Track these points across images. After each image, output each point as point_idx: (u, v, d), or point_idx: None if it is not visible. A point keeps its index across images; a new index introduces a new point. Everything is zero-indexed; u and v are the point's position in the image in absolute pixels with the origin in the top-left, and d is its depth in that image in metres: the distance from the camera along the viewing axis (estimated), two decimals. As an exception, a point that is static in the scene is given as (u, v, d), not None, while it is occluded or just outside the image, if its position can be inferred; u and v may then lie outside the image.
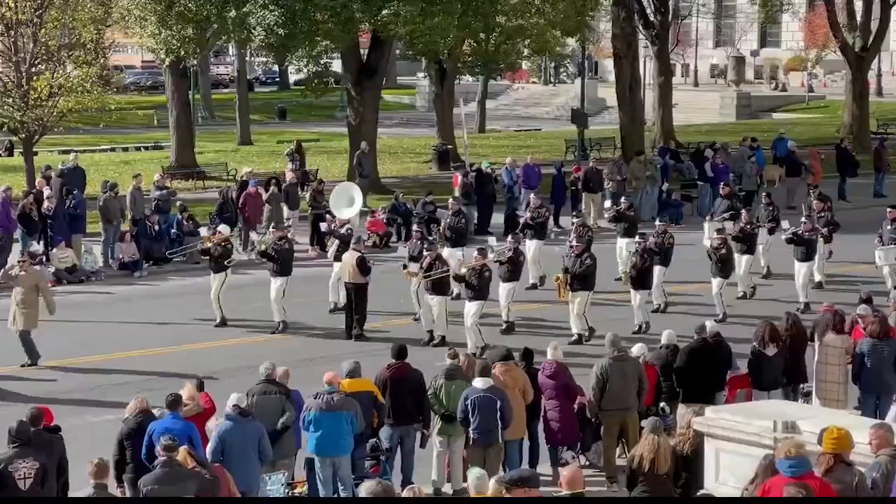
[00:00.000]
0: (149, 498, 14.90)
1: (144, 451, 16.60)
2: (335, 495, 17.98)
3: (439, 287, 27.71)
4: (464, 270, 27.48)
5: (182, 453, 15.32)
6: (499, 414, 18.55)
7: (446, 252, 30.77)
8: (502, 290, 28.71)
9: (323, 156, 57.79)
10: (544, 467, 20.21)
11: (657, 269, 30.05)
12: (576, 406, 20.13)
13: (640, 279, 28.69)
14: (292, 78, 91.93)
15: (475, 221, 39.89)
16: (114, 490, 16.62)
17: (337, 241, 30.73)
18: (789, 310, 24.63)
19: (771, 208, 34.03)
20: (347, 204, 33.34)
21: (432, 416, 19.59)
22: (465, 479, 17.20)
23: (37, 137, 40.56)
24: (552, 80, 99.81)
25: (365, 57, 49.50)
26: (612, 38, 56.81)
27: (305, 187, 42.34)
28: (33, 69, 38.95)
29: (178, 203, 37.65)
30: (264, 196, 38.35)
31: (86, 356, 27.18)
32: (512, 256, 28.65)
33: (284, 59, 48.64)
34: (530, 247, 32.70)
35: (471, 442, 18.85)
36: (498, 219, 40.16)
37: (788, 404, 19.55)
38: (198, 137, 57.34)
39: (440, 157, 55.80)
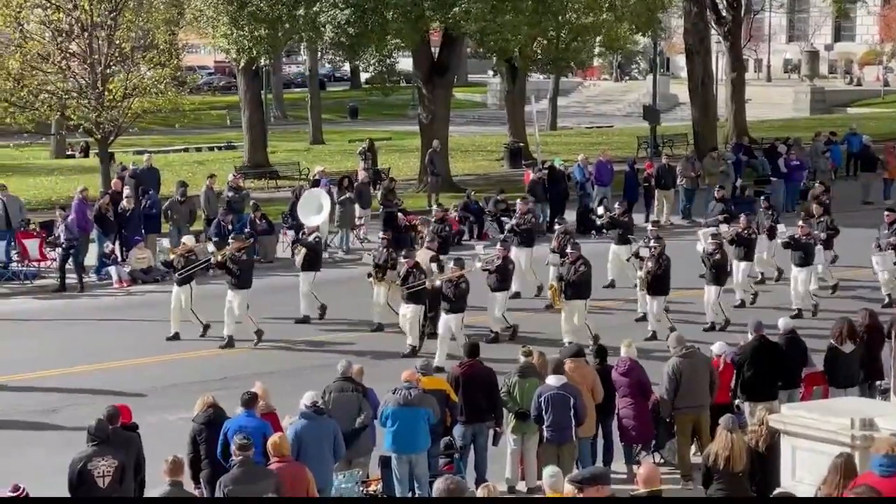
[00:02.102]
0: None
1: (220, 450, 16.69)
2: (410, 493, 18.00)
3: (416, 296, 26.69)
4: (438, 283, 26.57)
5: (276, 440, 15.59)
6: (573, 412, 18.51)
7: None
8: (492, 299, 27.82)
9: (395, 154, 57.90)
10: (618, 465, 20.16)
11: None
12: (649, 404, 20.04)
13: (656, 285, 27.62)
14: (364, 77, 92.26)
15: (547, 219, 39.81)
16: (191, 489, 16.75)
17: (304, 250, 29.69)
18: (867, 307, 24.29)
19: (770, 212, 33.34)
20: (316, 211, 32.02)
21: (506, 414, 19.58)
22: (539, 477, 17.14)
23: (112, 138, 40.93)
24: (624, 76, 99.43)
25: (436, 55, 49.55)
26: (684, 34, 56.51)
27: (377, 186, 42.43)
28: (108, 71, 39.33)
29: (251, 203, 37.81)
30: (336, 195, 38.44)
31: (159, 355, 27.33)
32: (500, 265, 27.77)
33: (355, 57, 48.77)
34: (519, 255, 31.34)
35: (544, 440, 18.81)
36: (570, 216, 40.05)
37: (865, 401, 19.33)
38: (270, 137, 57.64)
39: (512, 155, 55.75)
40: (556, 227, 31.54)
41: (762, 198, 36.25)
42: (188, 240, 29.80)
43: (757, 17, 79.01)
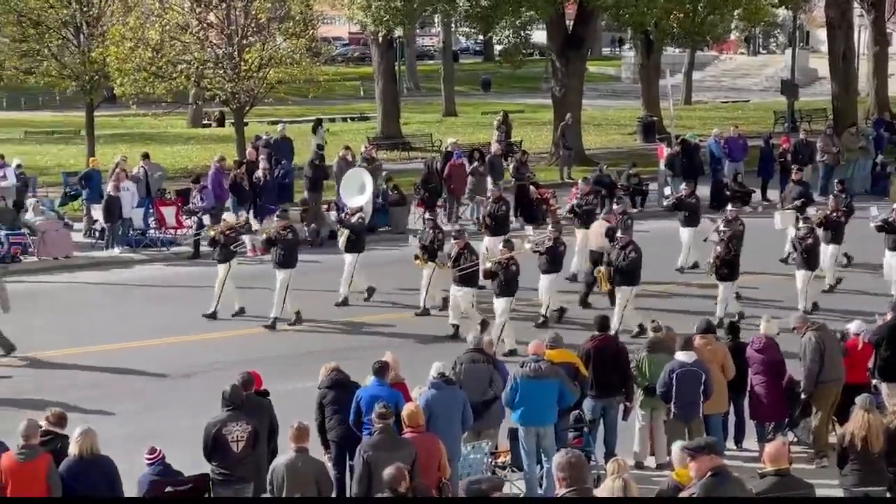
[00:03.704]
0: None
1: (353, 417, 16.84)
2: (539, 465, 18.00)
3: (468, 279, 25.97)
4: (488, 265, 25.69)
5: (413, 409, 15.77)
6: (702, 388, 18.36)
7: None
8: (542, 281, 27.04)
9: (527, 127, 57.83)
10: (750, 443, 19.98)
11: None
12: (783, 382, 19.79)
13: (726, 270, 26.78)
14: (497, 49, 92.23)
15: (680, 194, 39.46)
16: (321, 455, 16.91)
17: (347, 231, 29.00)
18: None
19: (844, 196, 31.81)
20: (359, 191, 31.58)
21: (635, 389, 19.49)
22: (668, 453, 17.03)
23: (247, 108, 41.37)
24: (760, 50, 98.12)
25: (570, 28, 49.32)
26: (826, 7, 55.54)
27: (509, 158, 42.40)
28: (245, 41, 39.67)
29: (383, 174, 37.98)
30: (468, 167, 38.50)
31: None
32: (551, 246, 26.76)
33: (489, 29, 48.71)
34: (577, 235, 30.77)
35: (671, 416, 18.69)
36: (703, 191, 39.66)
37: None
38: (403, 108, 57.86)
39: (645, 129, 55.44)
40: (615, 206, 30.52)
41: (836, 181, 35.43)
42: (229, 217, 29.68)
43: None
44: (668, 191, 37.88)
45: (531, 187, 37.33)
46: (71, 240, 34.02)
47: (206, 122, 65.71)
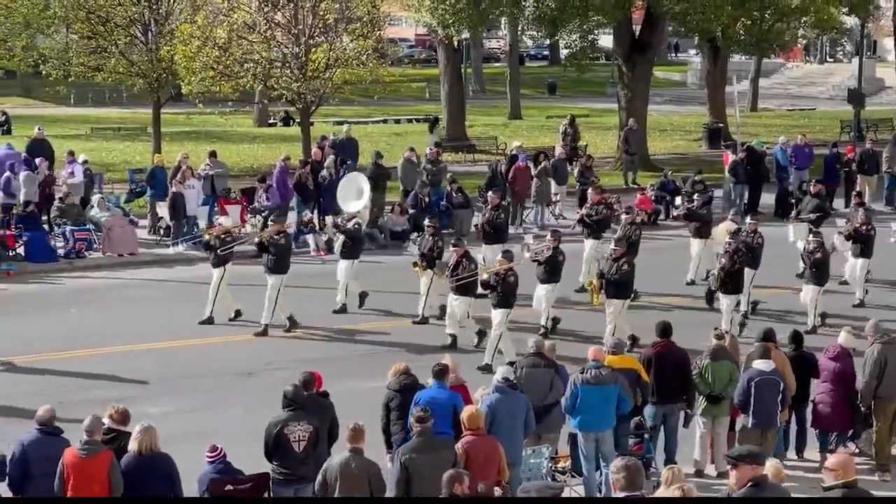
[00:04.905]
0: None
1: (411, 419, 16.84)
2: (598, 471, 17.96)
3: (465, 288, 25.39)
4: (485, 276, 24.82)
5: (473, 412, 15.74)
6: (780, 397, 18.25)
7: (585, 243, 29.93)
8: (540, 291, 26.41)
9: (592, 132, 57.66)
10: (811, 453, 19.83)
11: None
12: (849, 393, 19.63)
13: (729, 283, 26.29)
14: (563, 53, 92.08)
15: (745, 201, 39.32)
16: (384, 456, 16.97)
17: (342, 237, 28.51)
18: None
19: (865, 209, 31.24)
20: (356, 196, 31.00)
21: (697, 396, 19.39)
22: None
23: (313, 108, 41.51)
24: (827, 58, 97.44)
25: (637, 32, 49.18)
26: (894, 15, 55.06)
27: (574, 162, 42.31)
28: (311, 41, 39.79)
29: (448, 176, 38.01)
30: (533, 171, 38.47)
31: (353, 324, 27.63)
32: (551, 256, 26.17)
33: (556, 32, 48.67)
34: (586, 245, 30.34)
35: (748, 425, 18.56)
36: (768, 199, 39.47)
37: None
38: (468, 111, 57.88)
39: (711, 136, 55.21)
40: (624, 217, 30.00)
41: (854, 194, 35.00)
42: (224, 221, 29.36)
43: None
44: (678, 200, 37.57)
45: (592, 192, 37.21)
46: (136, 237, 34.28)
47: (271, 121, 66.03)
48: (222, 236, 27.46)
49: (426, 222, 29.42)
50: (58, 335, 26.28)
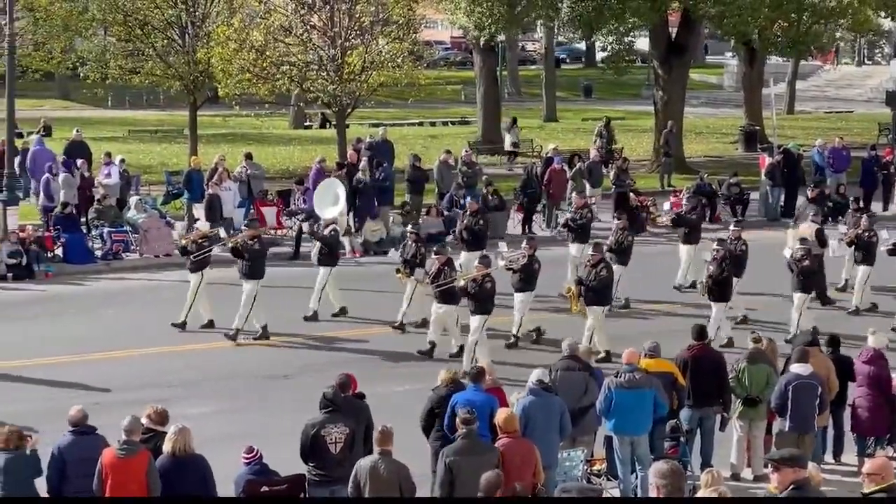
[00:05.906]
0: None
1: (447, 422, 16.88)
2: (633, 474, 17.93)
3: (448, 295, 24.90)
4: (462, 282, 24.52)
5: (508, 415, 15.68)
6: (818, 401, 18.20)
7: (570, 248, 29.71)
8: (515, 300, 25.85)
9: (628, 134, 57.57)
10: (849, 457, 19.75)
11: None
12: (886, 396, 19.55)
13: (718, 290, 25.87)
14: (599, 55, 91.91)
15: (781, 203, 39.21)
16: (414, 458, 16.97)
17: (318, 244, 28.15)
18: None
19: (859, 215, 30.99)
20: (332, 202, 30.76)
21: (733, 400, 19.34)
22: (765, 465, 16.87)
23: (349, 111, 41.56)
24: (865, 60, 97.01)
25: (674, 35, 49.09)
26: (933, 18, 54.85)
27: (609, 165, 42.27)
28: (347, 44, 39.83)
29: (483, 178, 38.00)
30: (568, 173, 38.45)
31: (379, 326, 27.64)
32: (526, 264, 25.67)
33: (591, 35, 48.62)
34: (571, 250, 29.99)
35: (785, 429, 18.50)
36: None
37: None
38: (504, 113, 57.84)
39: (747, 138, 55.07)
40: (615, 222, 29.67)
41: (851, 199, 34.83)
42: (202, 226, 29.14)
43: None
44: (666, 206, 37.37)
45: (631, 195, 37.24)
46: (172, 238, 34.39)
47: (307, 123, 66.13)
48: (199, 241, 27.20)
49: (408, 229, 29.14)
50: (95, 336, 26.45)
